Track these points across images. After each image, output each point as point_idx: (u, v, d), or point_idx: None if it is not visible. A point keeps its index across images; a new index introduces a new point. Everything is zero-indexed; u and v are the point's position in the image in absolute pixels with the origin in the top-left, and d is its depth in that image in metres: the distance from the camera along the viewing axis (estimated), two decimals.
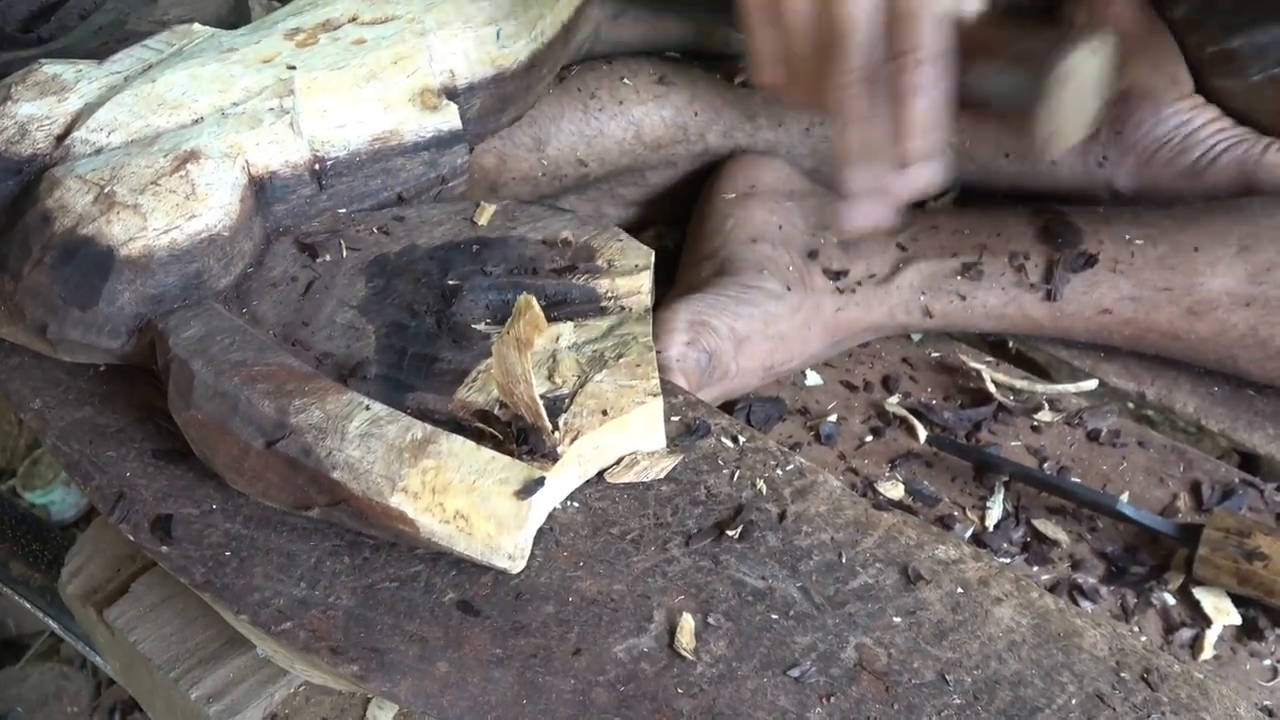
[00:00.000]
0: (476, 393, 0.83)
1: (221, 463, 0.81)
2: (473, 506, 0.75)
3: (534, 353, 0.82)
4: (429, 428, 0.78)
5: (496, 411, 0.82)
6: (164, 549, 0.80)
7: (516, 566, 0.77)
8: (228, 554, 0.79)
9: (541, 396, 0.80)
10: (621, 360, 0.86)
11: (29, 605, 1.44)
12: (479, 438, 0.79)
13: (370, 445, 0.76)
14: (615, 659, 0.74)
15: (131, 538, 0.80)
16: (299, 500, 0.78)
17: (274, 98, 0.95)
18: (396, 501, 0.75)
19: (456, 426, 0.81)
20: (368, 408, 0.79)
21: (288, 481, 0.78)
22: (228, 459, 0.80)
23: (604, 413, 0.82)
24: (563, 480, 0.81)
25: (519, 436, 0.80)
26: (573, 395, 0.83)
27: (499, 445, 0.79)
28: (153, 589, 0.96)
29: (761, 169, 1.27)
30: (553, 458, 0.79)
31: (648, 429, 0.85)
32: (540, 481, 0.76)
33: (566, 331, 0.88)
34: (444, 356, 0.86)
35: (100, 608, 0.96)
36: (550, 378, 0.85)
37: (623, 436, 0.84)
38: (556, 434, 0.80)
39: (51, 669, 1.88)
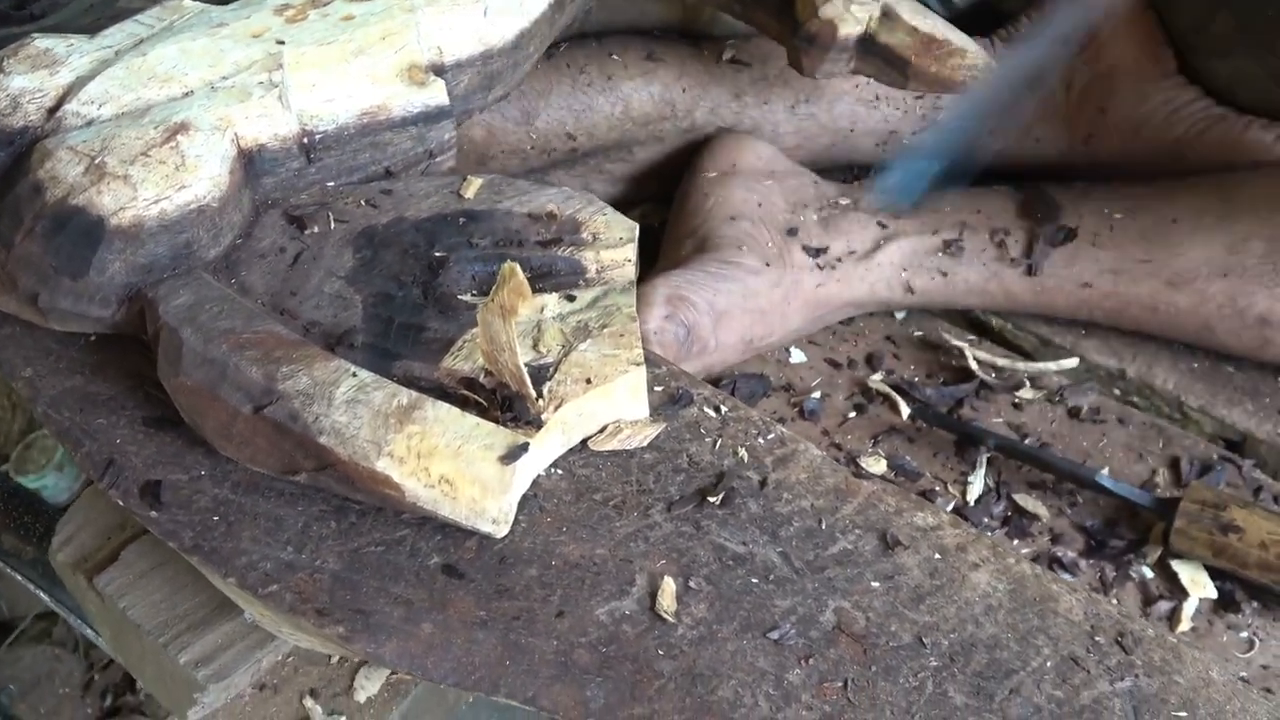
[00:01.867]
0: (462, 361, 0.84)
1: (210, 428, 0.81)
2: (457, 471, 0.76)
3: (519, 322, 0.83)
4: (415, 394, 0.79)
5: (482, 379, 0.83)
6: (153, 514, 0.81)
7: (500, 531, 0.78)
8: (216, 519, 0.80)
9: (526, 365, 0.81)
10: (605, 330, 0.87)
11: (20, 578, 1.44)
12: (464, 405, 0.80)
13: (357, 411, 0.77)
14: (597, 621, 0.76)
15: (121, 503, 0.81)
16: (286, 465, 0.79)
17: (263, 72, 0.96)
18: (382, 466, 0.76)
19: (442, 394, 0.82)
20: (354, 374, 0.80)
21: (275, 446, 0.79)
22: (216, 425, 0.81)
23: (588, 381, 0.83)
24: (547, 447, 0.82)
25: (503, 404, 0.81)
26: (557, 364, 0.84)
27: (484, 412, 0.80)
28: (143, 556, 0.97)
29: (742, 148, 1.29)
30: (537, 425, 0.81)
31: (631, 397, 0.86)
32: (524, 447, 0.77)
33: (551, 302, 0.89)
34: (430, 326, 0.87)
35: (90, 575, 0.96)
36: (535, 347, 0.86)
37: (606, 404, 0.85)
38: (541, 401, 0.82)
39: (44, 651, 1.88)
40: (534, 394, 0.81)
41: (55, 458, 1.64)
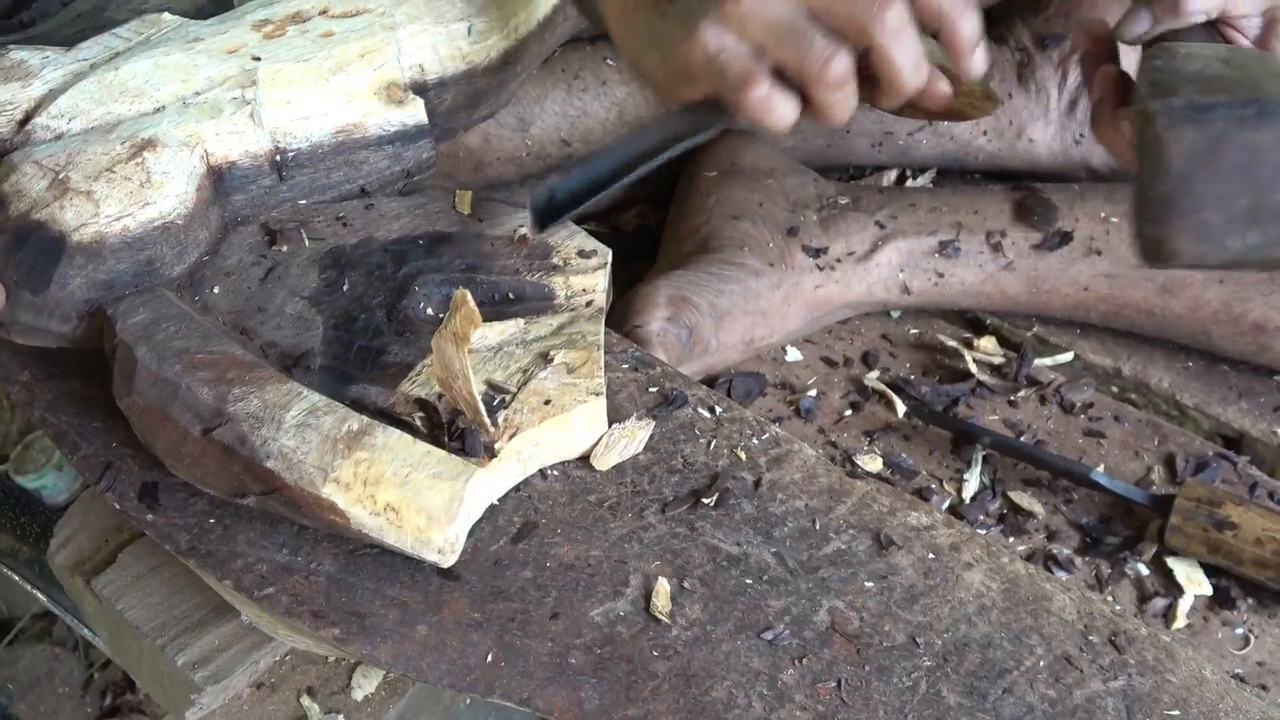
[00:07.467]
0: (420, 387, 0.84)
1: (161, 448, 0.81)
2: (404, 500, 0.75)
3: (481, 347, 0.82)
4: (365, 419, 0.78)
5: (438, 404, 0.82)
6: (150, 517, 0.81)
7: (446, 561, 0.77)
8: (212, 521, 0.80)
9: (485, 389, 0.81)
10: (568, 358, 0.87)
11: (17, 578, 1.45)
12: (416, 431, 0.80)
13: (306, 435, 0.77)
14: (592, 622, 0.76)
15: (118, 506, 0.82)
16: (234, 488, 0.79)
17: (236, 88, 0.95)
18: (328, 492, 0.75)
19: (396, 419, 0.81)
20: (306, 398, 0.79)
21: (223, 468, 0.78)
22: (167, 445, 0.80)
23: (545, 409, 0.83)
24: (501, 476, 0.82)
25: (453, 432, 0.80)
26: (515, 392, 0.84)
27: (436, 439, 0.80)
28: (140, 559, 0.97)
29: (743, 148, 1.29)
30: (490, 453, 0.80)
31: (590, 428, 0.85)
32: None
33: (515, 327, 0.89)
34: (391, 349, 0.87)
35: (88, 577, 0.97)
36: (495, 371, 0.86)
37: (564, 434, 0.84)
38: (495, 430, 0.81)
39: (43, 650, 1.88)
40: (488, 422, 0.80)
41: (54, 458, 1.65)
